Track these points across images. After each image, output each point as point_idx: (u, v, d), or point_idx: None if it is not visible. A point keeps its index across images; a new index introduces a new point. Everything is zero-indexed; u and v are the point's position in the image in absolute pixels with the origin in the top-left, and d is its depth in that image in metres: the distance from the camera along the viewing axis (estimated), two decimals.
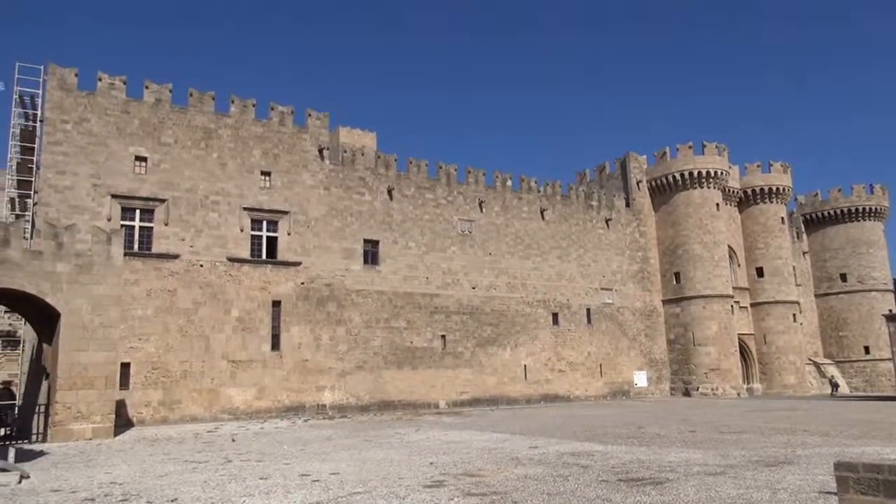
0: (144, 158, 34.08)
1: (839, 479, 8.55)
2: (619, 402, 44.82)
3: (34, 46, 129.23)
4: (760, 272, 57.64)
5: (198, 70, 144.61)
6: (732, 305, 52.94)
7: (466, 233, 44.30)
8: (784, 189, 58.56)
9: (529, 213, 47.59)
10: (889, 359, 49.99)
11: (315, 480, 13.89)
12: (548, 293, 47.22)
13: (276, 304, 36.31)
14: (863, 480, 8.19)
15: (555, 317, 47.26)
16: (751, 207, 58.88)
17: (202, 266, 34.44)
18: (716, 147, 53.74)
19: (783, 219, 58.87)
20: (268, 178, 37.35)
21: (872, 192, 63.91)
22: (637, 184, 54.62)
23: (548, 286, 47.30)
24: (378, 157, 42.37)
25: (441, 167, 44.36)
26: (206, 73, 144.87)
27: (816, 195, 65.75)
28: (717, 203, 53.38)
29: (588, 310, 49.12)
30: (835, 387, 55.44)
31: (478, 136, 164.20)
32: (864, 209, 63.40)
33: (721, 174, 53.25)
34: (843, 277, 63.52)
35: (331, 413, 36.30)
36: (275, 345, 35.96)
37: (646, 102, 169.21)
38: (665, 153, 54.28)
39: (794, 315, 57.00)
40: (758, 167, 59.03)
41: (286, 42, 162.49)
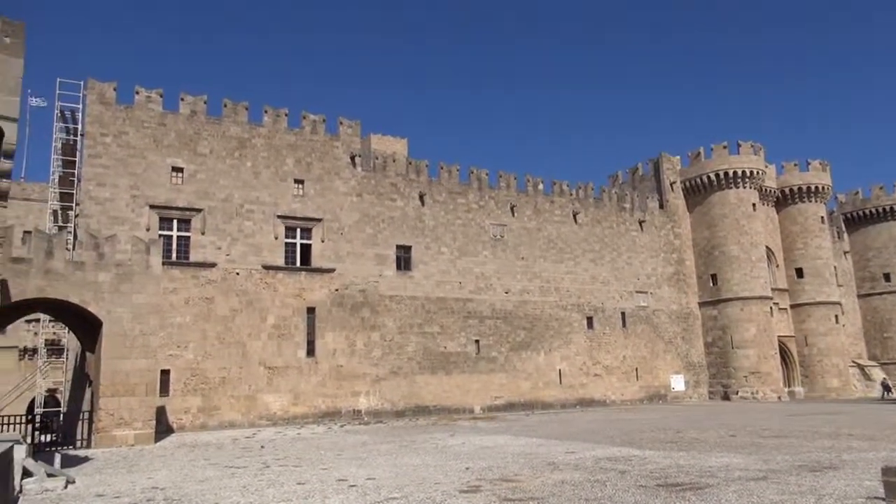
0: (181, 169, 34.74)
1: (887, 485, 8.32)
2: (656, 407, 44.23)
3: (73, 62, 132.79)
4: (800, 273, 56.45)
5: (231, 79, 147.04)
6: (771, 307, 51.90)
7: (498, 237, 44.22)
8: (823, 188, 57.31)
9: (562, 217, 47.33)
10: None
11: (352, 485, 13.97)
12: (582, 297, 46.88)
13: (311, 311, 36.66)
14: None
15: (589, 320, 46.88)
16: (789, 207, 57.75)
17: (238, 274, 34.94)
18: (751, 146, 52.83)
19: (823, 218, 57.61)
20: (301, 186, 37.77)
21: None
22: (671, 185, 53.95)
23: (581, 290, 46.96)
24: (409, 163, 42.57)
25: (472, 172, 44.40)
26: (239, 83, 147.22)
27: (857, 193, 64.17)
28: (754, 203, 52.43)
29: (623, 313, 48.62)
30: (886, 389, 53.25)
31: (509, 141, 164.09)
32: None
33: (757, 174, 52.32)
34: (887, 277, 61.87)
35: (366, 418, 36.48)
36: (310, 351, 36.30)
37: (677, 104, 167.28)
38: (699, 153, 53.54)
39: (837, 316, 55.65)
40: (795, 166, 57.88)
41: (317, 50, 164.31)
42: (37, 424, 32.52)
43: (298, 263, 37.01)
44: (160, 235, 32.81)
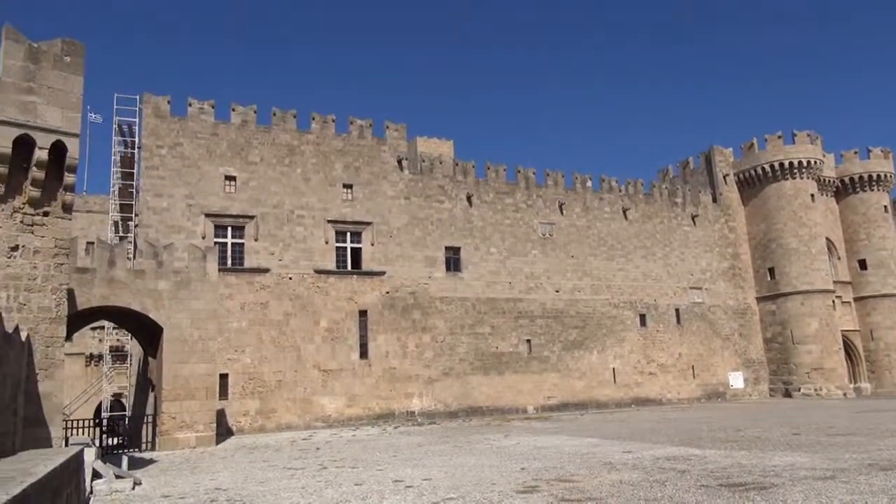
0: (233, 177, 35.56)
1: None
2: (715, 405, 43.23)
3: (122, 76, 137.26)
4: (863, 265, 54.42)
5: (279, 88, 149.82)
6: (834, 300, 50.17)
7: (547, 236, 43.91)
8: (886, 176, 55.14)
9: (612, 214, 46.72)
10: None
11: (408, 486, 14.05)
12: (634, 294, 46.17)
13: (363, 314, 37.05)
14: None
15: (642, 318, 46.13)
16: (849, 197, 55.76)
17: (291, 278, 35.55)
18: (807, 135, 51.18)
19: (886, 207, 55.38)
20: (350, 191, 38.22)
21: None
22: (724, 178, 52.67)
23: (634, 287, 46.26)
24: (456, 165, 42.64)
25: (519, 171, 44.20)
26: (287, 91, 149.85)
27: None
28: (812, 194, 50.77)
29: (677, 310, 47.69)
30: None
31: (555, 138, 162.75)
32: None
33: (815, 163, 50.67)
34: None
35: (419, 420, 36.66)
36: (363, 353, 36.68)
37: (725, 97, 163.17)
38: (752, 145, 52.14)
39: None
40: (855, 154, 55.84)
41: (362, 55, 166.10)
42: (104, 428, 33.75)
43: (349, 267, 37.45)
44: (215, 243, 33.64)
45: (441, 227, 40.46)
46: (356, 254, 37.92)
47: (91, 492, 14.73)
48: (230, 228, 35.11)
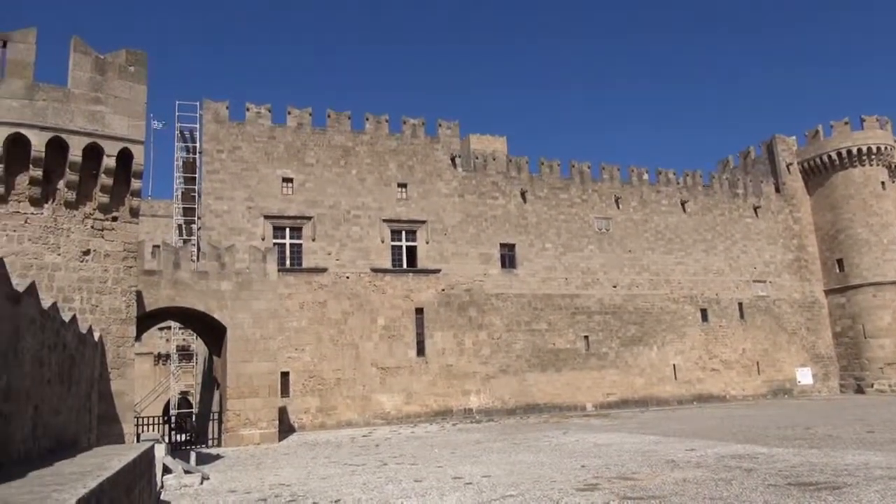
0: (291, 179, 36.25)
1: None
2: (781, 402, 41.87)
3: (190, 83, 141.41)
4: None
5: (334, 90, 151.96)
6: None
7: (603, 231, 43.29)
8: None
9: (669, 207, 45.73)
10: None
11: (468, 483, 14.08)
12: (694, 288, 45.10)
13: (419, 312, 37.28)
14: None
15: (703, 313, 45.01)
16: None
17: (348, 278, 36.05)
18: (876, 120, 48.97)
19: None
20: (404, 190, 38.50)
21: None
22: (787, 167, 50.87)
23: (694, 281, 45.18)
24: (509, 161, 42.45)
25: (574, 166, 43.69)
26: (341, 93, 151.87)
27: None
28: (882, 181, 48.57)
29: (740, 304, 46.36)
30: None
31: (611, 132, 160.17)
32: None
33: (885, 149, 48.45)
34: None
35: (477, 417, 36.70)
36: (420, 351, 36.92)
37: (786, 85, 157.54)
38: (817, 132, 50.20)
39: None
40: None
41: (414, 54, 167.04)
42: (172, 425, 34.89)
43: (405, 265, 37.74)
44: (274, 244, 34.39)
45: (495, 224, 40.36)
46: (411, 252, 38.18)
47: (162, 486, 15.27)
48: (288, 229, 35.81)
